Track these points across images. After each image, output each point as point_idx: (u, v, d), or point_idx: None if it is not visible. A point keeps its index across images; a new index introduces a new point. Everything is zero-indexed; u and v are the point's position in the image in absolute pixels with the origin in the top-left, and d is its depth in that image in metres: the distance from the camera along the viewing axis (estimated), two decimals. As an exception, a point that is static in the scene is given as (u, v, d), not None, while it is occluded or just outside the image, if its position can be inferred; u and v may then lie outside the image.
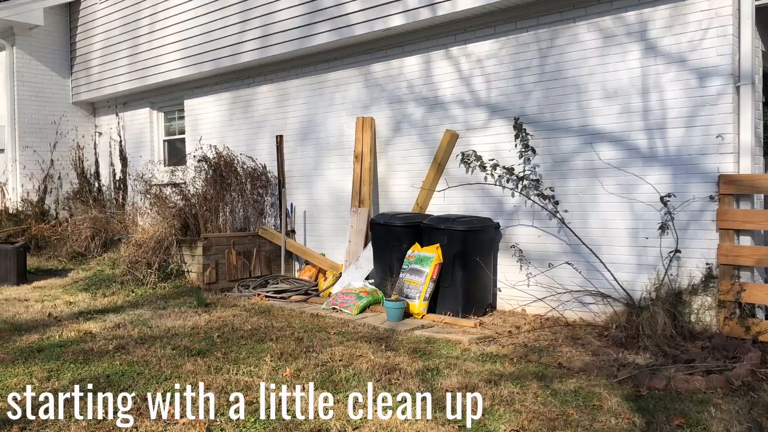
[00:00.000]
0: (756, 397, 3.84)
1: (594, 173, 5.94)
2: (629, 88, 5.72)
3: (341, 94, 8.01)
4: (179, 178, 9.50)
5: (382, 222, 6.76)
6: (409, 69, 7.32)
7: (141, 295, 7.20)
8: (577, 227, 5.99)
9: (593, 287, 5.81)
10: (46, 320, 5.94)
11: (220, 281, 7.84)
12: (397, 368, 4.37)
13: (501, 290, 6.55)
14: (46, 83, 11.51)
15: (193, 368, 4.36)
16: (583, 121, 6.00)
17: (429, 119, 7.14)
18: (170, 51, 9.76)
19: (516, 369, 4.47)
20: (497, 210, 6.60)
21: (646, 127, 5.64)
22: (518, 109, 6.40)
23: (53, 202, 11.41)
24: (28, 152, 11.20)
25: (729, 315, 5.08)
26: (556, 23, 6.16)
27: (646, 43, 5.63)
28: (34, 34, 11.21)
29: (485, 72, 6.68)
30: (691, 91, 5.39)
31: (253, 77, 9.14)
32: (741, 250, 5.13)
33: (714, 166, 5.27)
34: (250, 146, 9.11)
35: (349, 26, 7.38)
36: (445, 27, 6.91)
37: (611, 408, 3.69)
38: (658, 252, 5.52)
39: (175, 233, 8.00)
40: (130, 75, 10.59)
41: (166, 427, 3.39)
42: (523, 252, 6.35)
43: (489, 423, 3.46)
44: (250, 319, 6.01)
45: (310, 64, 8.32)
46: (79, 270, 8.86)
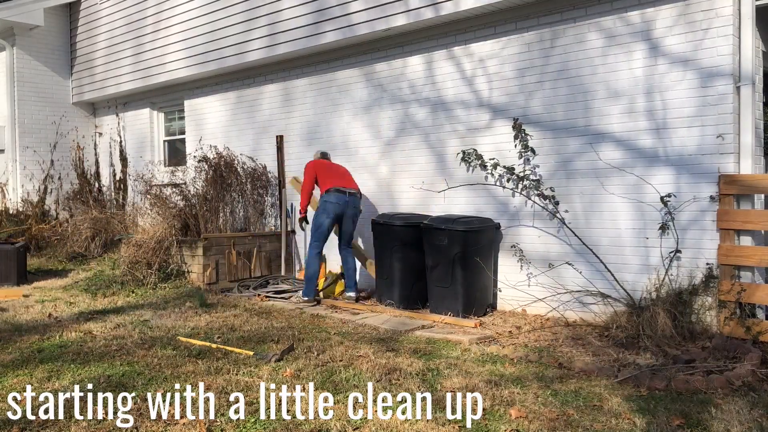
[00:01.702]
0: (756, 398, 3.84)
1: (595, 173, 5.94)
2: (630, 88, 5.72)
3: (346, 95, 8.01)
4: (179, 179, 9.51)
5: (383, 222, 6.76)
6: (411, 69, 7.32)
7: (141, 295, 7.20)
8: (578, 227, 5.99)
9: (594, 287, 5.80)
10: (46, 320, 5.94)
11: (221, 281, 7.84)
12: (397, 368, 4.37)
13: (501, 290, 6.54)
14: (47, 83, 11.51)
15: (193, 369, 4.36)
16: (584, 121, 6.00)
17: (432, 120, 7.13)
18: (173, 51, 9.76)
19: (516, 369, 4.46)
20: (498, 210, 6.60)
21: (646, 128, 5.63)
22: (520, 109, 6.40)
23: (53, 203, 11.41)
24: (28, 153, 11.20)
25: (729, 315, 5.08)
26: (557, 23, 6.16)
27: (647, 44, 5.62)
28: (34, 35, 11.21)
29: (487, 72, 6.67)
30: (692, 92, 5.39)
31: (253, 77, 9.14)
32: (741, 250, 5.13)
33: (714, 166, 5.27)
34: (250, 146, 9.10)
35: (350, 26, 7.39)
36: (446, 27, 6.91)
37: (612, 408, 3.69)
38: (659, 252, 5.52)
39: (176, 233, 8.00)
40: (132, 75, 10.59)
41: (166, 427, 3.39)
42: (524, 252, 6.34)
43: (489, 423, 3.46)
44: (251, 319, 6.01)
45: (315, 63, 8.32)
46: (80, 270, 8.86)
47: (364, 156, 7.79)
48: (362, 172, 7.76)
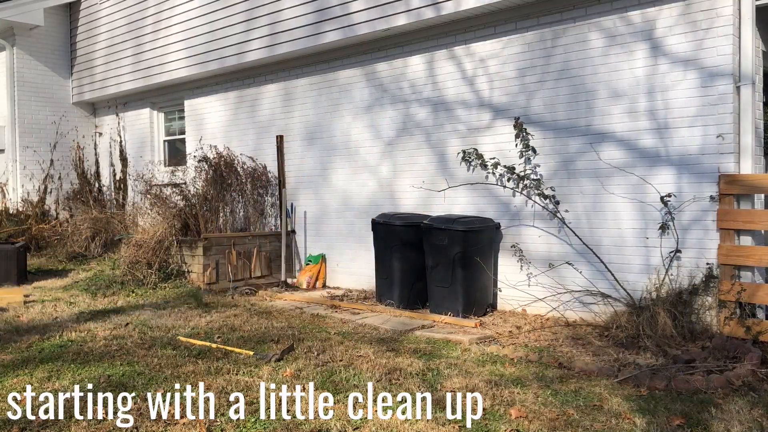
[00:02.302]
0: (756, 397, 3.84)
1: (595, 173, 5.94)
2: (630, 88, 5.72)
3: (347, 95, 8.01)
4: (179, 179, 9.50)
5: (383, 222, 6.76)
6: (412, 69, 7.31)
7: (141, 295, 7.20)
8: (578, 227, 5.98)
9: (594, 287, 5.80)
10: (46, 321, 5.94)
11: (221, 281, 7.83)
12: (397, 368, 4.37)
13: (501, 290, 6.54)
14: (47, 83, 11.51)
15: (193, 369, 4.36)
16: (584, 120, 6.00)
17: (433, 120, 7.12)
18: (173, 51, 9.76)
19: (516, 369, 4.46)
20: (499, 210, 6.59)
21: (647, 128, 5.63)
22: (521, 109, 6.39)
23: (53, 203, 11.41)
24: (28, 152, 11.20)
25: (729, 315, 5.08)
26: (557, 23, 6.15)
27: (648, 44, 5.62)
28: (34, 35, 11.21)
29: (488, 72, 6.67)
30: (692, 92, 5.39)
31: (253, 77, 9.13)
32: (741, 250, 5.12)
33: (714, 166, 5.27)
34: (251, 146, 9.10)
35: (351, 26, 7.38)
36: (447, 27, 6.90)
37: (612, 408, 3.69)
38: (659, 252, 5.52)
39: (176, 233, 8.00)
40: (132, 75, 10.59)
41: (166, 427, 3.39)
42: (524, 252, 6.34)
43: (489, 423, 3.46)
44: (251, 319, 6.01)
45: (316, 63, 8.31)
46: (80, 270, 8.85)
47: (364, 156, 7.78)
48: (363, 172, 7.76)
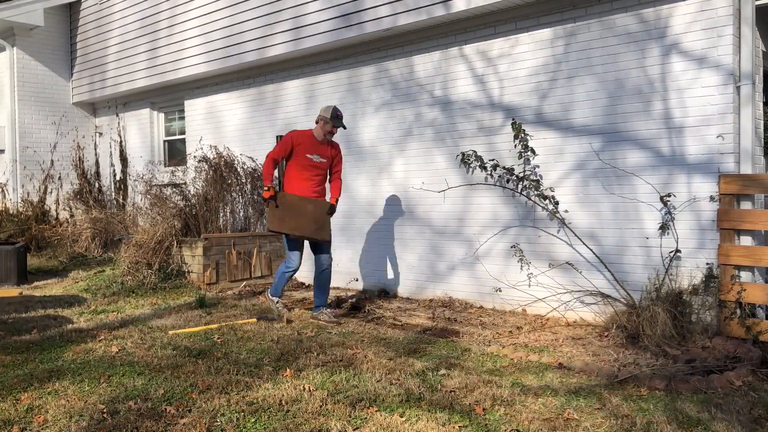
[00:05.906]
0: (757, 397, 3.84)
1: (595, 173, 5.94)
2: (630, 88, 5.72)
3: (353, 93, 8.02)
4: (179, 179, 9.51)
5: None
6: (422, 68, 7.29)
7: (141, 295, 7.20)
8: (579, 227, 5.99)
9: (594, 287, 5.81)
10: (46, 321, 5.94)
11: (221, 281, 7.84)
12: (397, 368, 4.37)
13: (501, 290, 6.54)
14: (47, 83, 11.52)
15: (193, 368, 4.36)
16: (585, 120, 6.00)
17: (444, 119, 7.10)
18: (173, 50, 9.76)
19: (516, 369, 4.47)
20: (498, 210, 6.59)
21: (646, 128, 5.64)
22: (518, 109, 6.40)
23: (53, 203, 11.41)
24: (28, 153, 11.21)
25: (729, 315, 5.08)
26: (557, 23, 6.15)
27: (647, 44, 5.63)
28: (34, 35, 11.22)
29: (497, 71, 6.65)
30: (692, 91, 5.39)
31: (253, 77, 9.14)
32: (741, 249, 5.12)
33: (714, 165, 5.27)
34: (251, 146, 9.10)
35: (360, 23, 7.39)
36: (458, 24, 6.88)
37: (612, 408, 3.69)
38: (659, 252, 5.52)
39: (176, 233, 8.01)
40: (131, 75, 10.60)
41: (166, 427, 3.39)
42: (524, 252, 6.35)
43: (489, 423, 3.46)
44: (251, 319, 6.01)
45: (309, 64, 8.33)
46: (80, 270, 8.85)
47: (381, 155, 7.76)
48: (371, 171, 7.75)
